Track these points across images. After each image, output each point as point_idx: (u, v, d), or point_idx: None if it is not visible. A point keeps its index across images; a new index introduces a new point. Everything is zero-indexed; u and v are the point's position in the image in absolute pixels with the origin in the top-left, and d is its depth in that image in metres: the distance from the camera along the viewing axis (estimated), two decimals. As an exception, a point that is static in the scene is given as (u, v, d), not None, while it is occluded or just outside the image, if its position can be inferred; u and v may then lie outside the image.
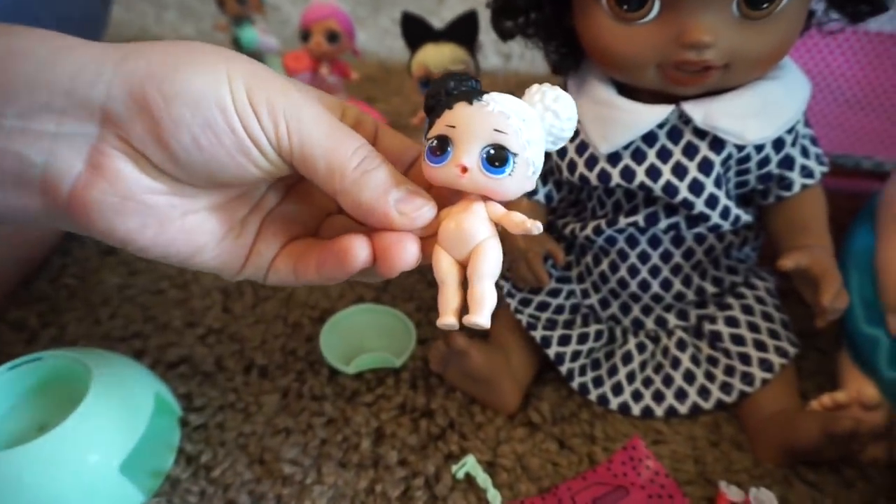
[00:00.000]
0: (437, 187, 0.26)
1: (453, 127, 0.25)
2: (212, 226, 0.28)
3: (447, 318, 0.25)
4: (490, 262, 0.25)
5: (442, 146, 0.25)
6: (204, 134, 0.25)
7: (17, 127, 0.25)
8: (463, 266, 0.26)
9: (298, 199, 0.31)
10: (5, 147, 0.25)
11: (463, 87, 0.26)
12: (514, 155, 0.24)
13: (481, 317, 0.25)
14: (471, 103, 0.25)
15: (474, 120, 0.24)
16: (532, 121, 0.25)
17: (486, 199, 0.26)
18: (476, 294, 0.25)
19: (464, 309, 0.26)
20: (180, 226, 0.27)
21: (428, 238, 0.27)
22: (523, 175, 0.25)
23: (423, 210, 0.26)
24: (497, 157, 0.24)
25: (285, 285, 0.31)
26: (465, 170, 0.24)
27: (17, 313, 0.54)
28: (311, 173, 0.26)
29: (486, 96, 0.25)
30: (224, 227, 0.29)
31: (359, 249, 0.26)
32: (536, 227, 0.25)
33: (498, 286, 0.42)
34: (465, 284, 0.26)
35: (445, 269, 0.26)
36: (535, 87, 0.26)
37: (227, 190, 0.29)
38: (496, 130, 0.24)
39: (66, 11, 0.55)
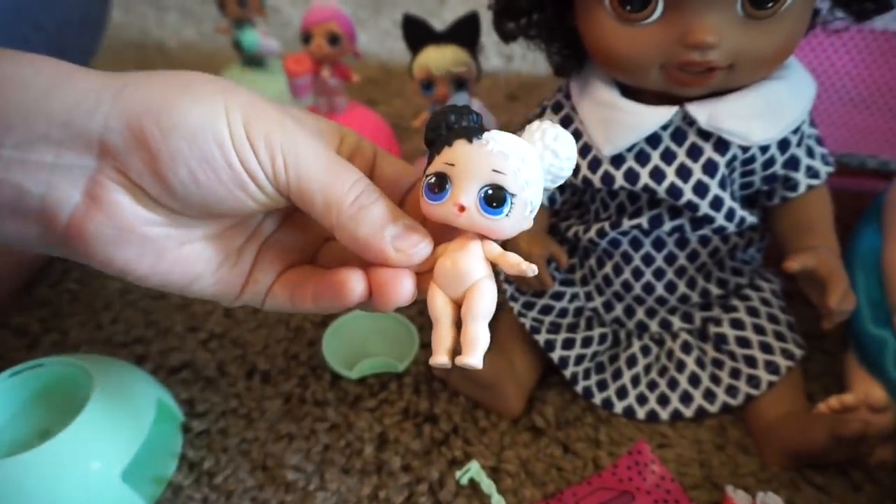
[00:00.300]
0: (434, 221, 0.26)
1: (452, 165, 0.25)
2: (209, 255, 0.29)
3: (440, 358, 0.26)
4: (484, 303, 0.25)
5: (440, 184, 0.25)
6: (201, 168, 0.25)
7: (16, 158, 0.25)
8: (458, 304, 0.26)
9: (295, 227, 0.31)
10: (4, 178, 0.25)
11: (463, 121, 0.26)
12: (512, 195, 0.24)
13: (473, 358, 0.25)
14: (470, 141, 0.25)
15: (473, 159, 0.24)
16: (531, 160, 0.25)
17: (482, 237, 0.26)
18: (469, 335, 0.25)
19: (457, 349, 0.26)
20: (177, 256, 0.27)
21: (424, 274, 0.27)
22: (521, 215, 0.25)
23: (419, 247, 0.26)
24: (495, 198, 0.24)
25: (282, 311, 0.31)
26: (462, 209, 0.24)
27: (18, 319, 0.54)
28: (308, 207, 0.26)
29: (485, 135, 0.25)
30: (221, 255, 0.29)
31: (355, 283, 0.27)
32: (532, 269, 0.25)
33: (501, 290, 0.42)
34: (459, 324, 0.26)
35: (440, 307, 0.26)
36: (536, 124, 0.26)
37: (223, 220, 0.29)
38: (495, 171, 0.24)
39: (66, 15, 0.55)
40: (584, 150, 0.42)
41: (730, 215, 0.41)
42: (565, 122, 0.43)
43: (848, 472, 0.41)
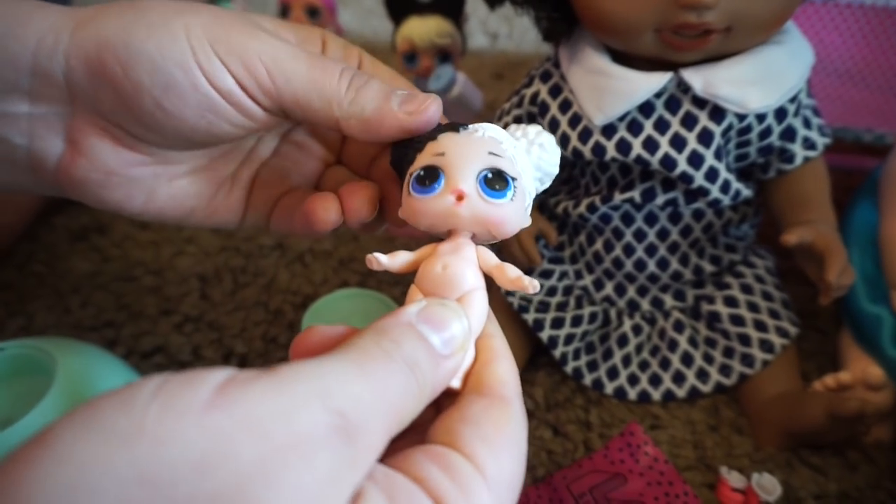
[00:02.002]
0: (423, 223, 0.24)
1: (442, 154, 0.22)
2: (199, 188, 0.28)
3: None
4: (474, 318, 0.22)
5: (431, 176, 0.22)
6: (165, 96, 0.24)
7: None
8: None
9: (293, 151, 0.31)
10: None
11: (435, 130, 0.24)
12: (514, 179, 0.22)
13: (454, 379, 0.22)
14: (458, 132, 0.23)
15: (466, 145, 0.22)
16: (521, 152, 0.24)
17: (476, 243, 0.24)
18: None
19: None
20: (167, 193, 0.28)
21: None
22: (521, 205, 0.23)
23: (428, 102, 0.25)
24: (496, 180, 0.22)
25: (290, 235, 0.31)
26: (461, 197, 0.22)
27: (-19, 303, 0.52)
28: (305, 109, 0.25)
29: (472, 125, 0.23)
30: (212, 186, 0.29)
31: (327, 212, 0.27)
32: (534, 286, 0.22)
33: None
34: None
35: None
36: (513, 126, 0.25)
37: (208, 151, 0.28)
38: (491, 153, 0.22)
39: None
40: (574, 121, 0.40)
41: (725, 188, 0.40)
42: (554, 91, 0.41)
43: (844, 452, 0.40)
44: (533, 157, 0.24)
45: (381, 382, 0.18)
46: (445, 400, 0.21)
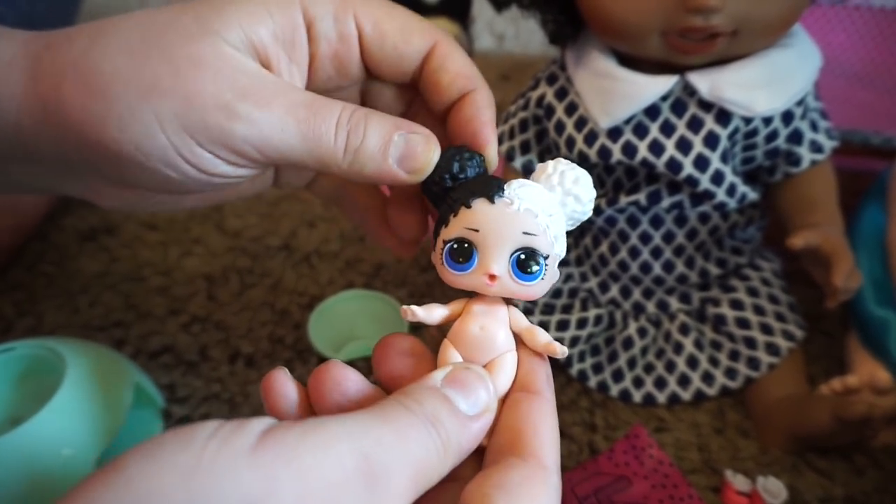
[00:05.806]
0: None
1: (476, 231, 0.22)
2: (224, 186, 0.29)
3: None
4: (504, 380, 0.23)
5: (465, 252, 0.23)
6: (162, 184, 0.24)
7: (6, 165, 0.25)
8: None
9: None
10: (8, 169, 0.26)
11: (469, 168, 0.24)
12: (545, 257, 0.23)
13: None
14: (492, 201, 0.22)
15: (500, 223, 0.22)
16: (556, 212, 0.23)
17: (508, 302, 0.24)
18: None
19: None
20: (196, 198, 0.29)
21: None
22: (552, 272, 0.23)
23: (430, 154, 0.24)
24: (529, 261, 0.22)
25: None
26: (493, 278, 0.22)
27: (-9, 302, 0.52)
28: (303, 170, 0.26)
29: (507, 191, 0.23)
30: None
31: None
32: (563, 351, 0.23)
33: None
34: None
35: None
36: (551, 165, 0.24)
37: None
38: (525, 233, 0.22)
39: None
40: (579, 123, 0.40)
41: (731, 191, 0.40)
42: (560, 94, 0.42)
43: (850, 456, 0.40)
44: (567, 209, 0.24)
45: (401, 432, 0.19)
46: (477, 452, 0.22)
